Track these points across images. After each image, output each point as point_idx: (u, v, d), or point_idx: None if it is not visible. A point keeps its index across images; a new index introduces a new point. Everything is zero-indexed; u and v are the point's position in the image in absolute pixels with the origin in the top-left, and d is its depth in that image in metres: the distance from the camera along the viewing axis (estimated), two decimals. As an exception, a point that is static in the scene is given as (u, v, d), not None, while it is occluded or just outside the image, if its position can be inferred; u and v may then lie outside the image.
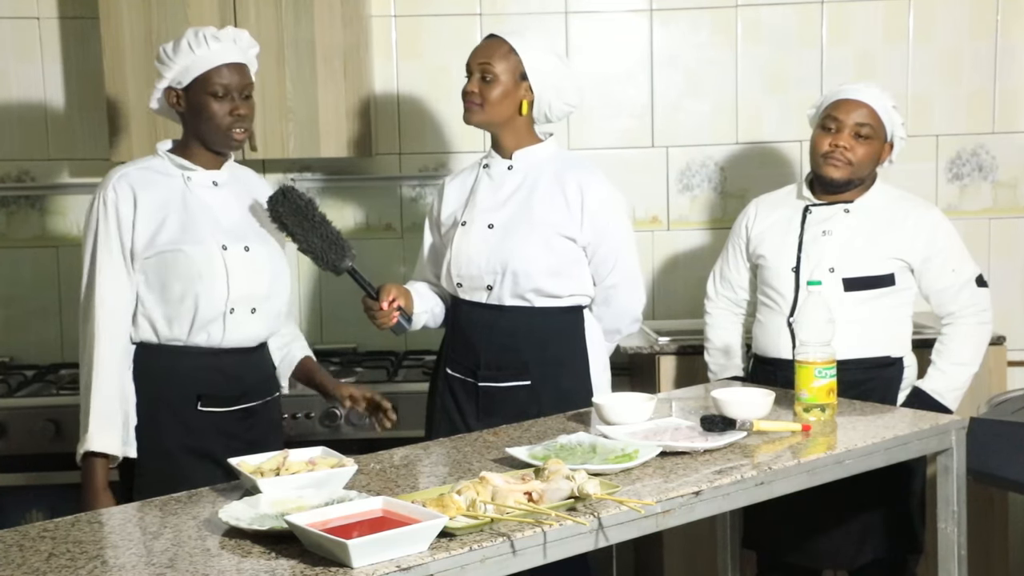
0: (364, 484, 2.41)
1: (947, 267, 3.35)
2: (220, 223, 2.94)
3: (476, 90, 3.14)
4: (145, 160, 3.00)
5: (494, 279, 3.14)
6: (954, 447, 2.83)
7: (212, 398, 2.93)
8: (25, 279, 4.31)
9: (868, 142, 3.32)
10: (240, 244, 2.95)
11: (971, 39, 4.36)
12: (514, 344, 3.16)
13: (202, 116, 2.91)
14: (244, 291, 2.92)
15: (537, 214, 3.15)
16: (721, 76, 4.37)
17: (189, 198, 2.93)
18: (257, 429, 2.98)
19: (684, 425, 2.75)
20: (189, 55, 2.89)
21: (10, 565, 2.00)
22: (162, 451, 2.89)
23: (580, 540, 2.16)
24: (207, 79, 2.89)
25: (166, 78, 2.93)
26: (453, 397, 3.22)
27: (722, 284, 3.57)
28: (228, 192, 3.00)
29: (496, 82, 3.12)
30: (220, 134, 2.93)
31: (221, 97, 2.90)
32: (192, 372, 2.92)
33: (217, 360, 2.94)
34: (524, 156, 3.20)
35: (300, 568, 1.94)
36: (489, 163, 3.24)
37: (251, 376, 3.02)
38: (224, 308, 2.91)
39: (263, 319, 3.00)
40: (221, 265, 2.90)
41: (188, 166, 2.95)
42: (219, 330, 2.92)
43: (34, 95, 4.26)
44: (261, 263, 2.98)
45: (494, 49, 3.15)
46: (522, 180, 3.19)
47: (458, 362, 3.21)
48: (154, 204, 2.89)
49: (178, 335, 2.90)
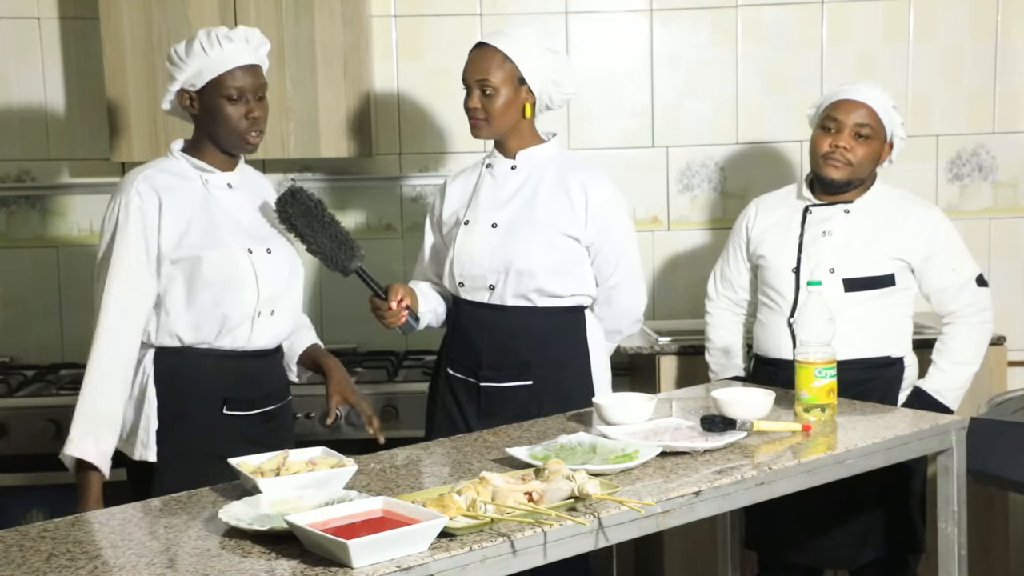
0: (364, 484, 2.41)
1: (947, 266, 3.35)
2: (241, 226, 2.92)
3: (479, 106, 3.13)
4: (161, 161, 2.96)
5: (497, 278, 3.14)
6: (954, 447, 2.83)
7: (237, 401, 2.91)
8: (25, 279, 4.31)
9: (868, 142, 3.31)
10: (263, 246, 2.93)
11: (971, 39, 4.36)
12: (516, 344, 3.16)
13: (217, 119, 2.88)
14: (270, 293, 2.92)
15: (540, 214, 3.15)
16: (721, 76, 4.37)
17: (209, 201, 2.90)
18: (277, 433, 2.96)
19: (684, 425, 2.75)
20: (202, 57, 2.86)
21: (10, 565, 2.00)
22: (186, 456, 2.85)
23: (580, 540, 2.16)
24: (221, 82, 2.86)
25: (178, 80, 2.89)
26: (454, 397, 3.22)
27: (723, 284, 3.57)
28: (242, 194, 2.98)
29: (496, 94, 3.11)
30: (235, 137, 2.90)
31: (236, 100, 2.87)
32: (217, 376, 2.89)
33: (240, 363, 2.92)
34: (527, 156, 3.20)
35: (300, 568, 1.94)
36: (492, 163, 3.24)
37: (271, 379, 3.01)
38: (253, 312, 2.89)
39: (283, 319, 3.00)
40: (249, 269, 2.88)
41: (206, 168, 2.92)
42: (246, 333, 2.90)
43: (34, 95, 4.26)
44: (282, 264, 2.97)
45: (489, 61, 3.13)
46: (525, 180, 3.19)
47: (459, 362, 3.21)
48: (179, 208, 2.85)
49: (204, 339, 2.88)
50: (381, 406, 3.73)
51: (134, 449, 2.88)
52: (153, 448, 2.86)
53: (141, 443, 2.86)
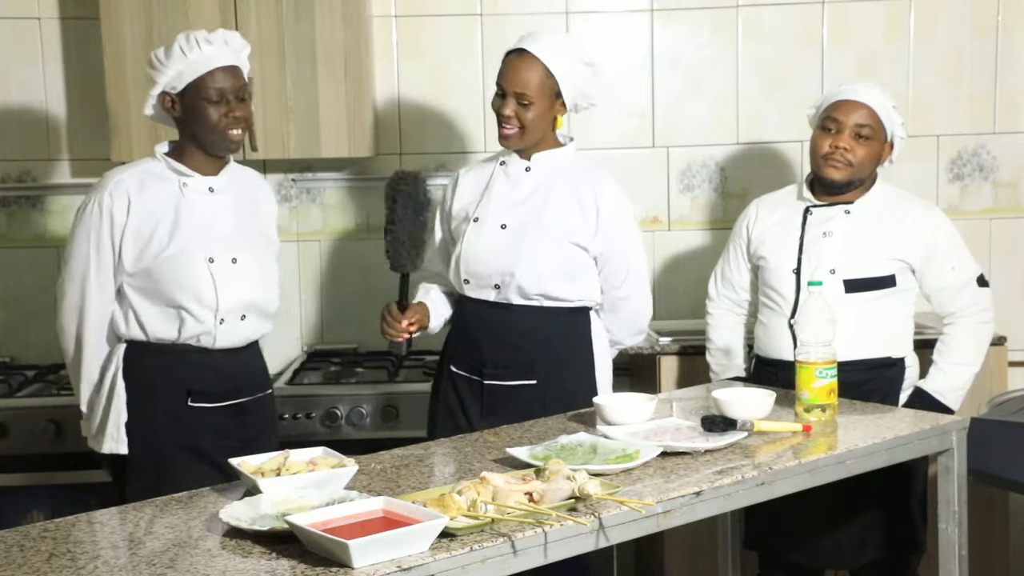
0: (365, 484, 2.41)
1: (948, 266, 3.34)
2: (211, 233, 2.95)
3: (513, 114, 3.10)
4: (143, 163, 3.01)
5: (502, 279, 3.14)
6: (955, 447, 2.82)
7: (202, 394, 2.95)
8: (25, 279, 4.31)
9: (868, 143, 3.31)
10: (228, 255, 2.96)
11: (972, 39, 4.35)
12: (521, 343, 3.15)
13: (198, 120, 2.92)
14: (232, 302, 2.95)
15: (551, 218, 3.14)
16: (722, 76, 4.36)
17: (183, 206, 2.93)
18: (250, 427, 3.01)
19: (685, 425, 2.75)
20: (182, 60, 2.90)
21: (11, 565, 2.00)
22: (154, 447, 2.92)
23: (581, 540, 2.16)
24: (201, 84, 2.90)
25: (160, 83, 2.94)
26: (457, 394, 3.21)
27: (723, 285, 3.57)
28: (225, 198, 3.00)
29: (533, 106, 3.09)
30: (216, 136, 2.93)
31: (216, 101, 2.91)
32: (182, 368, 2.94)
33: (207, 358, 2.96)
34: (543, 159, 3.19)
35: (301, 568, 1.94)
36: (507, 161, 3.22)
37: (242, 373, 3.04)
38: (214, 320, 2.94)
39: (253, 323, 3.04)
40: (208, 279, 2.92)
41: (185, 172, 2.96)
42: (210, 337, 2.95)
43: (34, 95, 4.26)
44: (249, 272, 2.99)
45: (531, 72, 3.08)
46: (539, 183, 3.18)
47: (463, 360, 3.21)
48: (147, 212, 2.91)
49: (167, 337, 2.93)
50: (382, 406, 3.73)
51: (103, 443, 2.94)
52: (124, 440, 2.92)
53: (111, 437, 2.93)
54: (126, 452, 2.93)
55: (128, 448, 2.93)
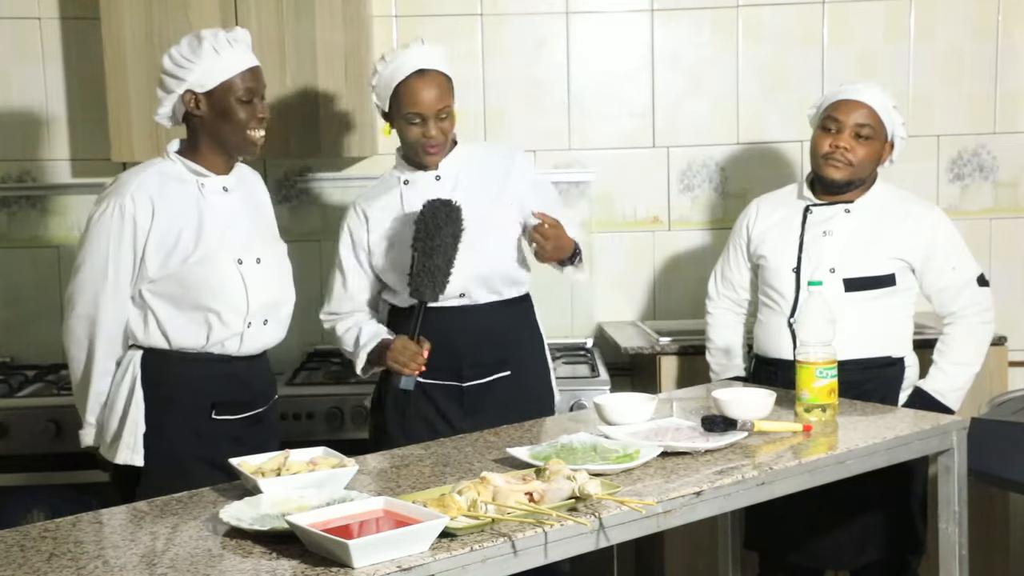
0: (365, 484, 2.41)
1: (948, 266, 3.34)
2: (233, 234, 2.90)
3: (436, 133, 3.12)
4: (155, 164, 2.93)
5: (466, 287, 3.14)
6: (955, 447, 2.82)
7: (226, 405, 2.91)
8: (25, 279, 4.31)
9: (868, 142, 3.31)
10: (253, 256, 2.92)
11: (972, 39, 4.36)
12: (492, 338, 3.19)
13: (226, 120, 2.86)
14: (260, 303, 2.91)
15: (482, 212, 3.12)
16: (722, 76, 4.36)
17: (203, 207, 2.87)
18: (262, 434, 2.96)
19: (685, 425, 2.75)
20: (213, 58, 2.84)
21: (11, 565, 2.00)
22: (172, 460, 2.84)
23: (581, 540, 2.16)
24: (233, 84, 2.86)
25: (185, 81, 2.85)
26: (433, 404, 3.18)
27: (723, 284, 3.57)
28: (237, 197, 2.96)
29: (450, 116, 3.15)
30: (242, 138, 2.89)
31: (247, 101, 2.87)
32: (206, 380, 2.88)
33: (230, 367, 2.91)
34: (446, 164, 3.22)
35: (301, 568, 1.94)
36: (410, 179, 3.22)
37: (259, 381, 3.01)
38: (242, 324, 2.89)
39: (275, 327, 3.00)
40: (238, 281, 2.87)
41: (202, 172, 2.90)
42: (234, 343, 2.90)
43: (35, 95, 4.26)
44: (271, 272, 2.96)
45: (442, 87, 3.12)
46: (454, 184, 3.19)
47: (438, 368, 3.14)
48: (171, 216, 2.84)
49: (193, 345, 2.87)
50: (381, 406, 3.73)
51: (118, 453, 2.86)
52: (140, 452, 2.84)
53: (127, 446, 2.84)
54: (142, 464, 2.85)
55: (144, 460, 2.85)
